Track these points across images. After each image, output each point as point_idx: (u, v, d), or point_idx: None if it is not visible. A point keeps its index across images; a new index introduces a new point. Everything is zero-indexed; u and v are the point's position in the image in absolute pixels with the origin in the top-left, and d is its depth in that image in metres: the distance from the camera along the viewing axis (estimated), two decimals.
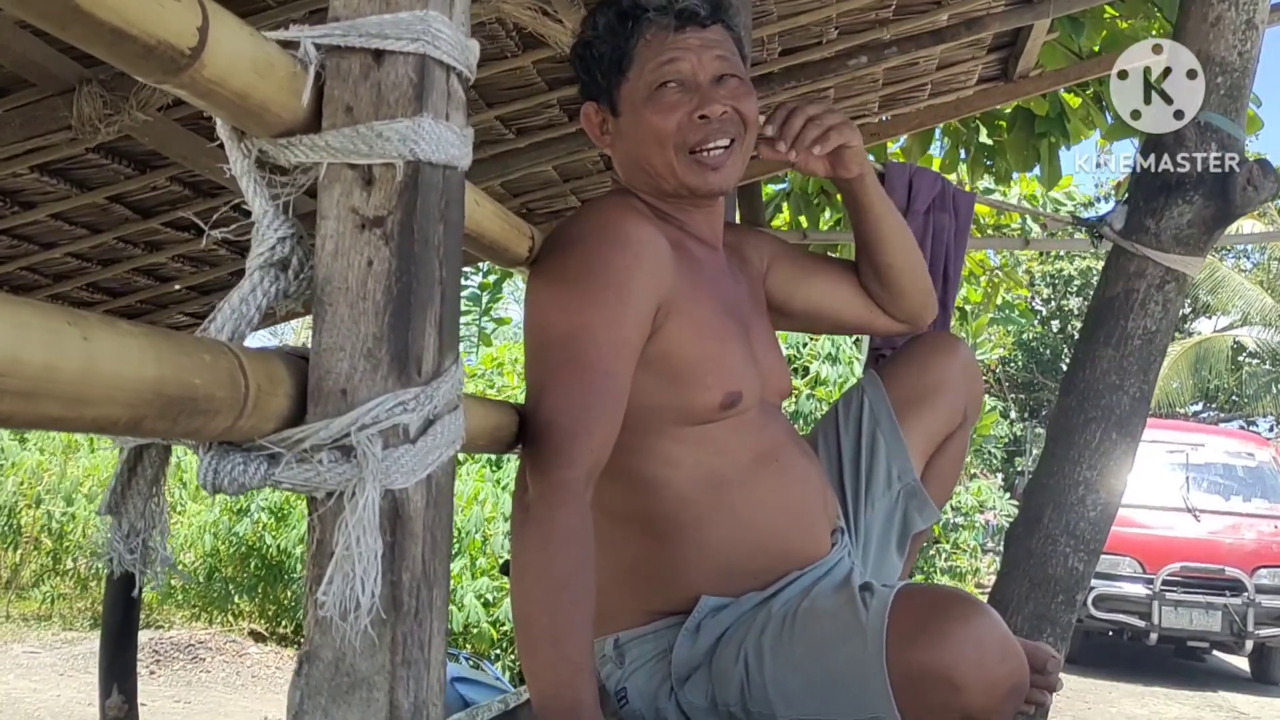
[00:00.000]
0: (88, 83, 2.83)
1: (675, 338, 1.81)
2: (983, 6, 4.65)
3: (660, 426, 1.85)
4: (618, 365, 1.73)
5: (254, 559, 9.71)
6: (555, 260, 1.82)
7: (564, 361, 1.71)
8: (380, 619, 1.01)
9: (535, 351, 1.77)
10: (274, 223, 1.09)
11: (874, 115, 5.65)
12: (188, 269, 4.73)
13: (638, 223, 1.82)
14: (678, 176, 1.88)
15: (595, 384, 1.70)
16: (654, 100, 1.86)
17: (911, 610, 1.71)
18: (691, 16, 1.88)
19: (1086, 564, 2.92)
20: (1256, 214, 21.12)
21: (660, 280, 1.79)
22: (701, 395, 1.84)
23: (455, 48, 1.08)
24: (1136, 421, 2.93)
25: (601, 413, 1.69)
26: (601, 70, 1.91)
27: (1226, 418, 25.66)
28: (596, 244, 1.79)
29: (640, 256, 1.78)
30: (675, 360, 1.82)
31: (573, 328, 1.72)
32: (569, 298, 1.75)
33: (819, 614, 1.80)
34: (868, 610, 1.74)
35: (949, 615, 1.68)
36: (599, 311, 1.73)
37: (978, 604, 1.73)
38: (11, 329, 0.70)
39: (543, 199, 5.21)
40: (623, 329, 1.74)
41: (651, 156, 1.89)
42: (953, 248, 3.16)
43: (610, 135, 1.96)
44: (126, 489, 1.07)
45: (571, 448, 1.64)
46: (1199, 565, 10.06)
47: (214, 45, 0.91)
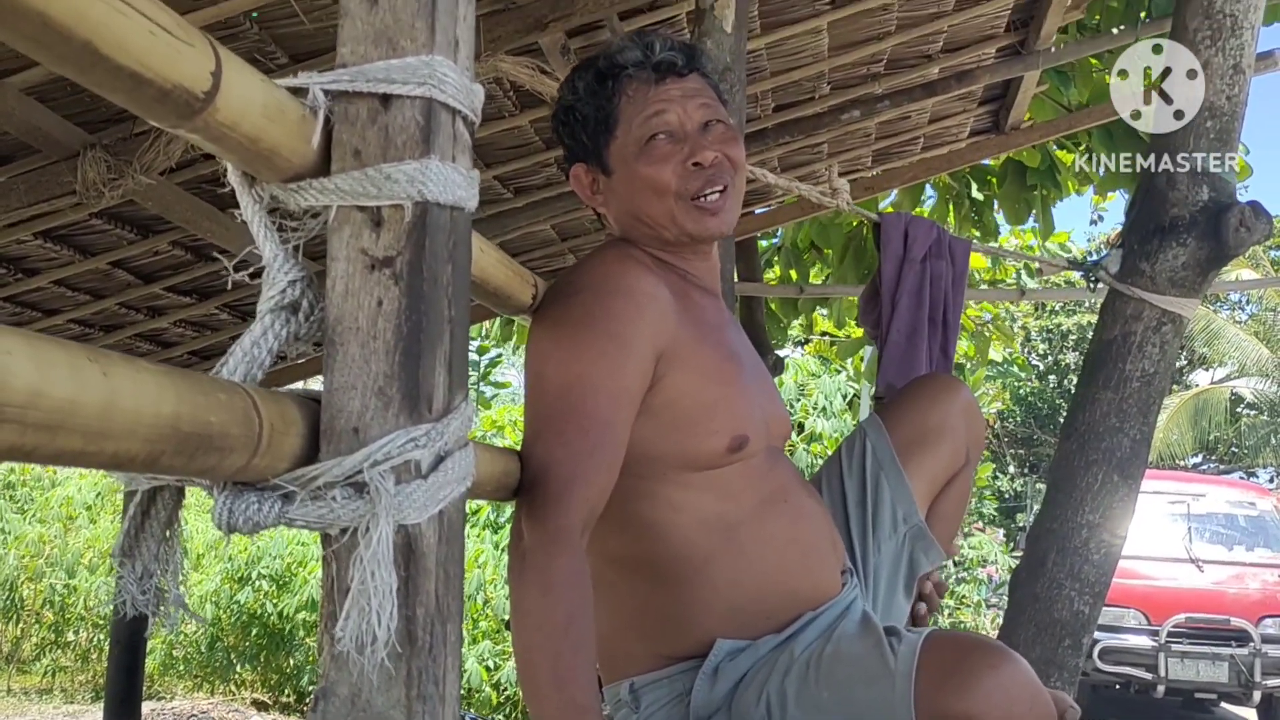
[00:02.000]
0: (92, 148, 2.86)
1: (679, 386, 1.82)
2: (973, 59, 4.71)
3: (665, 472, 1.85)
4: (617, 415, 1.74)
5: (256, 627, 9.64)
6: (557, 309, 1.83)
7: (563, 410, 1.72)
8: (396, 653, 1.02)
9: (535, 399, 1.77)
10: (284, 266, 1.11)
11: (867, 169, 5.70)
12: (189, 334, 4.75)
13: (639, 273, 1.84)
14: (678, 224, 1.90)
15: (594, 433, 1.71)
16: (646, 154, 1.89)
17: (940, 656, 1.72)
18: (670, 67, 1.92)
19: (1092, 607, 2.92)
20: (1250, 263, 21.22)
21: (662, 330, 1.80)
22: (707, 441, 1.84)
23: (461, 91, 1.11)
24: (1137, 464, 2.94)
25: (599, 462, 1.70)
26: (588, 132, 1.94)
27: (1226, 469, 25.59)
28: (598, 293, 1.81)
29: (642, 306, 1.79)
30: (679, 408, 1.83)
31: (573, 377, 1.73)
32: (570, 346, 1.76)
33: (845, 657, 1.79)
34: (896, 655, 1.74)
35: (978, 662, 1.69)
36: (600, 361, 1.74)
37: (1006, 651, 1.73)
38: (35, 363, 0.71)
39: (541, 258, 5.25)
40: (623, 378, 1.75)
41: (650, 208, 1.91)
42: (950, 294, 3.18)
43: (602, 194, 1.98)
44: (140, 531, 1.08)
45: (569, 496, 1.65)
46: (1204, 616, 10.00)
47: (227, 90, 0.93)
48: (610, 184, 1.95)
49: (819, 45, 4.27)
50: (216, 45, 0.92)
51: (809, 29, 4.10)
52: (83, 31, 0.77)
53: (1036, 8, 4.54)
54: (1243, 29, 2.92)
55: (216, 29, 2.76)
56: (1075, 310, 24.61)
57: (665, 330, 1.81)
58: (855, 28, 4.29)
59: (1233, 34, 2.92)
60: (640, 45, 1.92)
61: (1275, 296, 22.42)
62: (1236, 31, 2.92)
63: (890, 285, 3.10)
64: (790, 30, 4.04)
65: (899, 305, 3.07)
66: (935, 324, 3.13)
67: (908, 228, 3.16)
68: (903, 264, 3.11)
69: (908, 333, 3.05)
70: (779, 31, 4.03)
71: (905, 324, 3.06)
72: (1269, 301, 23.03)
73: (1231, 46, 2.92)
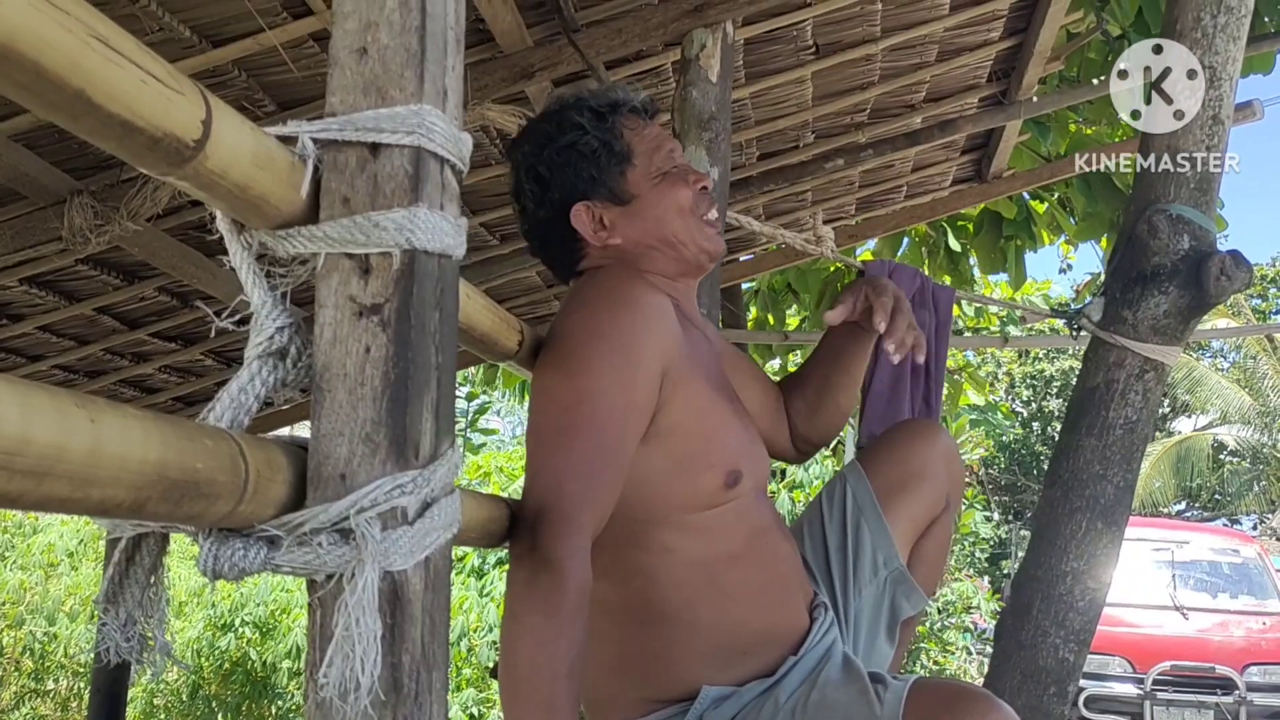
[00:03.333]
0: (79, 194, 2.87)
1: (680, 410, 1.83)
2: (956, 109, 4.75)
3: (665, 515, 1.85)
4: (626, 433, 1.74)
5: (238, 674, 9.56)
6: (562, 330, 1.83)
7: (573, 427, 1.71)
8: (380, 700, 1.01)
9: (543, 419, 1.76)
10: (272, 313, 1.11)
11: (851, 217, 5.74)
12: (174, 380, 4.74)
13: (646, 288, 1.86)
14: (698, 243, 2.00)
15: (606, 449, 1.71)
16: (670, 179, 1.99)
17: (927, 704, 1.71)
18: (655, 111, 2.07)
19: (1077, 655, 2.91)
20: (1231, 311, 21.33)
21: (668, 345, 1.81)
22: (705, 475, 1.85)
23: (449, 140, 1.12)
24: (1121, 511, 2.95)
25: (608, 481, 1.71)
26: (598, 165, 1.97)
27: (1210, 516, 25.64)
28: (604, 307, 1.82)
29: (650, 320, 1.80)
30: (679, 436, 1.83)
31: (583, 392, 1.73)
32: (579, 361, 1.76)
33: (831, 705, 1.79)
34: (882, 703, 1.73)
35: (965, 710, 1.68)
36: (608, 374, 1.74)
37: (992, 699, 1.72)
38: (21, 410, 0.71)
39: (526, 304, 5.26)
40: (633, 393, 1.75)
41: (676, 228, 1.99)
42: (934, 344, 3.18)
43: (609, 229, 1.99)
44: (125, 578, 1.08)
45: (581, 515, 1.65)
46: (1189, 664, 9.99)
47: (216, 138, 0.93)
48: (628, 211, 1.99)
49: (803, 95, 4.31)
50: (207, 94, 0.93)
51: (793, 79, 4.14)
52: (76, 80, 0.78)
53: (1018, 59, 4.59)
54: (1221, 80, 2.95)
55: (205, 77, 2.78)
56: (1058, 357, 24.70)
57: (671, 346, 1.82)
58: (839, 78, 4.33)
59: (1212, 85, 2.95)
60: (615, 89, 2.06)
61: (1256, 344, 22.55)
62: (1215, 83, 2.95)
63: None
64: (775, 80, 4.08)
65: (882, 355, 3.07)
66: (918, 374, 3.14)
67: (891, 275, 3.17)
68: None
69: (890, 383, 3.05)
70: (763, 81, 4.06)
71: (888, 374, 3.06)
72: (1250, 349, 23.14)
73: (1210, 98, 2.95)
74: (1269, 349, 22.63)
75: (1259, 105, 4.54)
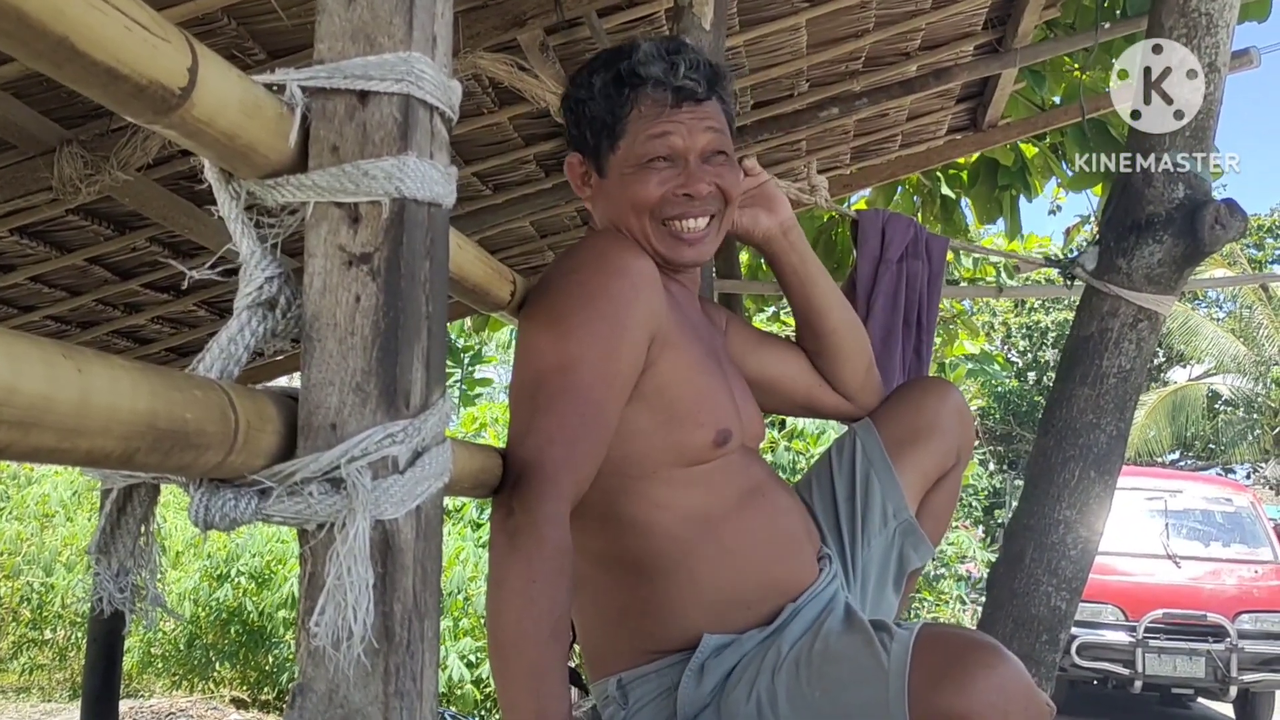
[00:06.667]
0: (69, 143, 2.85)
1: (669, 372, 1.84)
2: (951, 57, 4.72)
3: (654, 470, 1.86)
4: (609, 398, 1.75)
5: (235, 625, 9.60)
6: (552, 289, 1.84)
7: (558, 391, 1.72)
8: (373, 649, 1.02)
9: (528, 379, 1.77)
10: (262, 262, 1.11)
11: (845, 166, 5.71)
12: (167, 330, 4.73)
13: (635, 253, 1.85)
14: (653, 245, 1.93)
15: (589, 416, 1.71)
16: (641, 173, 1.91)
17: (935, 655, 1.71)
18: (689, 95, 1.92)
19: (1069, 603, 2.93)
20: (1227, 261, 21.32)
21: (656, 311, 1.82)
22: (695, 433, 1.86)
23: (438, 88, 1.11)
24: (1114, 459, 2.95)
25: (591, 446, 1.71)
26: (593, 131, 1.95)
27: (1204, 466, 25.73)
28: (594, 273, 1.82)
29: (638, 287, 1.80)
30: (669, 395, 1.84)
31: (568, 358, 1.73)
32: (566, 326, 1.77)
33: (836, 656, 1.80)
34: (888, 654, 1.74)
35: (974, 662, 1.69)
36: (595, 342, 1.75)
37: (1002, 651, 1.73)
38: (8, 360, 0.71)
39: (520, 254, 5.25)
40: (618, 360, 1.76)
41: (631, 224, 1.93)
42: (926, 296, 3.17)
43: (591, 190, 2.00)
44: (116, 528, 1.08)
45: (562, 479, 1.66)
46: (1181, 612, 10.04)
47: (203, 86, 0.93)
48: (601, 185, 1.97)
49: (797, 43, 4.28)
50: (193, 41, 0.92)
51: (787, 26, 4.10)
52: (59, 27, 0.77)
53: (1014, 6, 4.55)
54: (1218, 27, 2.93)
55: (193, 25, 2.75)
56: (1054, 307, 24.70)
57: (659, 311, 1.82)
58: (833, 25, 4.30)
59: (1208, 32, 2.93)
60: (665, 60, 1.91)
61: (1252, 294, 22.55)
62: (1212, 30, 2.93)
63: (866, 286, 3.09)
64: (769, 27, 4.05)
65: (874, 307, 3.06)
66: (910, 326, 3.13)
67: (885, 226, 3.15)
68: (879, 265, 3.10)
69: (883, 335, 3.04)
70: (757, 29, 4.03)
71: (880, 326, 3.05)
72: (1245, 299, 23.16)
73: (1207, 45, 2.93)
74: (1264, 299, 22.65)
75: (1256, 53, 4.51)
